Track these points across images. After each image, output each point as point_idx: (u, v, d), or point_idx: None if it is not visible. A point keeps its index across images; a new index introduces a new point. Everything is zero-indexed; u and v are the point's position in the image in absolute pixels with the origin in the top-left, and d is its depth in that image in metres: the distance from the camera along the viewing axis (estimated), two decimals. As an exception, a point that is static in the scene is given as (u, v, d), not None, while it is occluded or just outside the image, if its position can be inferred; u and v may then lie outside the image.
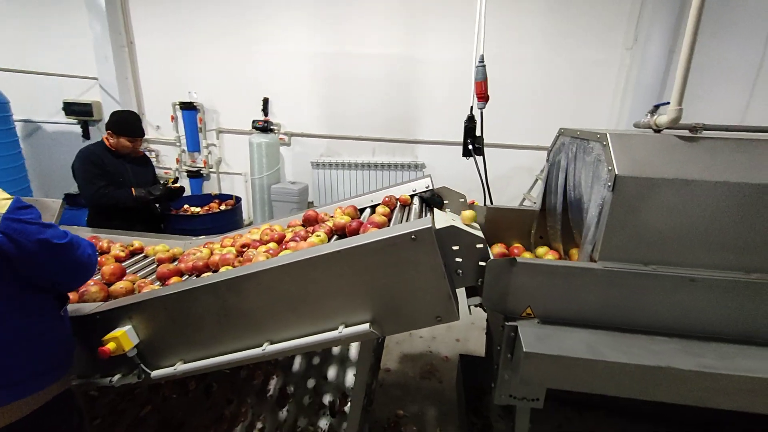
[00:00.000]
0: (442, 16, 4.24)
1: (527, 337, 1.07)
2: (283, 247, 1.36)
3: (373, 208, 1.72)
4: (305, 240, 1.34)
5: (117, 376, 1.27)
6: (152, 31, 4.62)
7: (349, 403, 1.65)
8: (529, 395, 1.18)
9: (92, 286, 1.35)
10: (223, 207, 3.01)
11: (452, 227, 1.08)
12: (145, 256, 1.71)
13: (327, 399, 1.82)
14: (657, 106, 1.16)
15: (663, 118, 1.11)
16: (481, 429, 1.71)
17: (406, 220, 1.42)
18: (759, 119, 4.36)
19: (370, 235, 1.04)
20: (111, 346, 1.15)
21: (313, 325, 1.14)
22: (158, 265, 1.55)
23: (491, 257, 1.15)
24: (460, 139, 4.41)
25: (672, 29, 3.76)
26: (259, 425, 1.73)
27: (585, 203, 1.20)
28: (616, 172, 1.01)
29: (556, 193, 1.51)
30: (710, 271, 1.05)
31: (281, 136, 4.78)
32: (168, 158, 5.15)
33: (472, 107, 2.02)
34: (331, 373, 1.93)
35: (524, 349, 1.04)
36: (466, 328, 3.19)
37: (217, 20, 4.50)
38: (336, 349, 1.92)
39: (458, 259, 1.12)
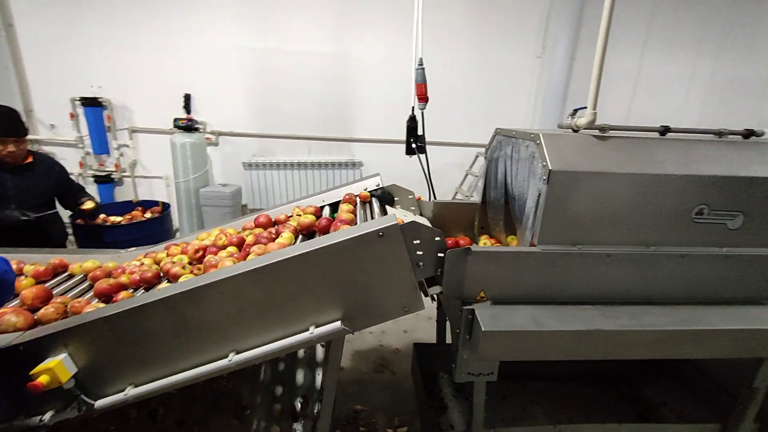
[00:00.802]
0: (376, 15, 4.33)
1: (484, 317, 1.19)
2: (247, 250, 1.32)
3: (334, 205, 1.74)
4: (272, 241, 1.32)
5: (49, 414, 1.12)
6: (37, 11, 3.97)
7: (318, 404, 1.65)
8: (485, 370, 1.32)
9: (9, 314, 1.17)
10: (149, 215, 2.74)
11: (413, 223, 1.16)
12: (71, 275, 1.51)
13: (288, 404, 1.80)
14: (576, 110, 1.37)
15: (582, 120, 1.31)
16: (438, 410, 1.83)
17: (372, 218, 1.46)
18: (638, 117, 5.22)
19: (340, 234, 1.07)
20: (44, 379, 1.02)
21: (282, 329, 1.13)
22: (92, 283, 1.39)
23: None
24: (398, 137, 4.55)
25: (572, 41, 4.31)
26: (216, 441, 1.65)
27: (523, 195, 1.36)
28: (550, 167, 1.17)
29: (495, 188, 1.68)
30: (620, 247, 1.27)
31: (208, 135, 4.47)
32: (68, 162, 4.50)
33: (413, 108, 2.13)
34: (289, 377, 1.90)
35: (483, 329, 1.16)
36: (414, 319, 3.33)
37: (127, 5, 4.04)
38: (300, 353, 1.91)
39: (419, 252, 1.20)
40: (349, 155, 4.81)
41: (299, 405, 1.79)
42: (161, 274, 1.33)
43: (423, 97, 2.11)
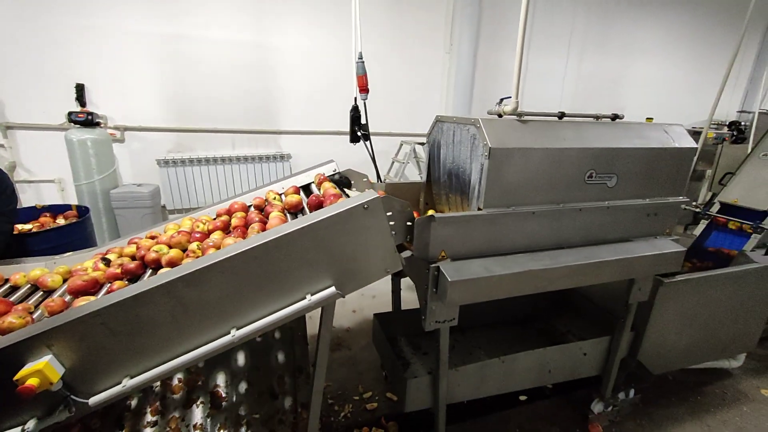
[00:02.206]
0: (297, 5, 4.31)
1: (448, 271, 1.45)
2: (239, 231, 1.37)
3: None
4: (264, 222, 1.38)
5: (32, 422, 1.07)
6: None
7: (289, 379, 1.76)
8: (449, 317, 1.59)
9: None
10: (62, 220, 2.43)
11: (388, 197, 1.35)
12: (13, 287, 1.36)
13: (266, 384, 1.86)
14: (502, 99, 1.69)
15: (507, 107, 1.64)
16: (402, 366, 2.08)
17: (347, 197, 1.60)
18: (528, 108, 6.12)
19: (332, 208, 1.21)
20: (34, 381, 0.99)
21: (281, 300, 1.24)
22: (44, 290, 1.29)
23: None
24: (328, 128, 4.67)
25: (474, 39, 4.86)
26: (197, 433, 1.65)
27: (466, 171, 1.65)
28: (490, 146, 1.46)
29: (438, 167, 1.95)
30: (540, 206, 1.63)
31: (111, 131, 4.01)
32: None
33: (356, 98, 2.30)
34: (262, 361, 1.95)
35: (449, 279, 1.42)
36: (358, 299, 3.54)
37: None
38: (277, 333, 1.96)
39: (392, 223, 1.40)
40: (277, 148, 4.75)
41: (276, 384, 1.87)
42: (144, 264, 1.31)
43: (364, 88, 2.29)
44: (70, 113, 3.61)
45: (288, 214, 1.51)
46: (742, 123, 5.88)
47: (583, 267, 1.64)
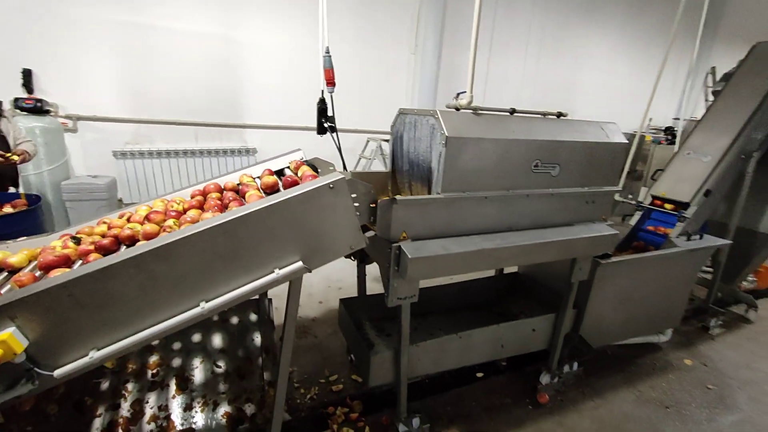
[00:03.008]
0: (266, 2, 4.30)
1: (408, 249, 1.57)
2: (214, 206, 1.42)
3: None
4: (241, 201, 1.43)
5: (-8, 396, 1.07)
6: None
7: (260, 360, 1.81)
8: (410, 294, 1.71)
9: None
10: (10, 209, 2.31)
11: (352, 179, 1.45)
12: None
13: (233, 366, 1.90)
14: (459, 94, 1.84)
15: (462, 101, 1.78)
16: (367, 346, 2.17)
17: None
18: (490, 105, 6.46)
19: (300, 187, 1.29)
20: (-3, 351, 1.00)
21: (249, 274, 1.30)
22: (9, 272, 1.28)
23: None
24: (294, 123, 4.71)
25: (438, 40, 5.06)
26: (162, 414, 1.67)
27: (427, 159, 1.78)
28: (447, 135, 1.60)
29: (401, 157, 2.07)
30: (492, 191, 1.79)
31: (63, 120, 3.82)
32: None
33: (323, 91, 2.37)
34: (221, 342, 1.99)
35: (409, 257, 1.54)
36: (324, 291, 3.60)
37: None
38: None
39: (356, 204, 1.49)
40: (241, 141, 4.71)
41: (242, 365, 1.92)
42: (119, 242, 1.32)
43: (331, 82, 2.37)
44: (16, 99, 3.41)
45: (264, 195, 1.57)
46: (675, 128, 6.50)
47: (531, 247, 1.82)
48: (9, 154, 2.51)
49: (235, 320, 2.07)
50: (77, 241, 1.34)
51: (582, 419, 2.24)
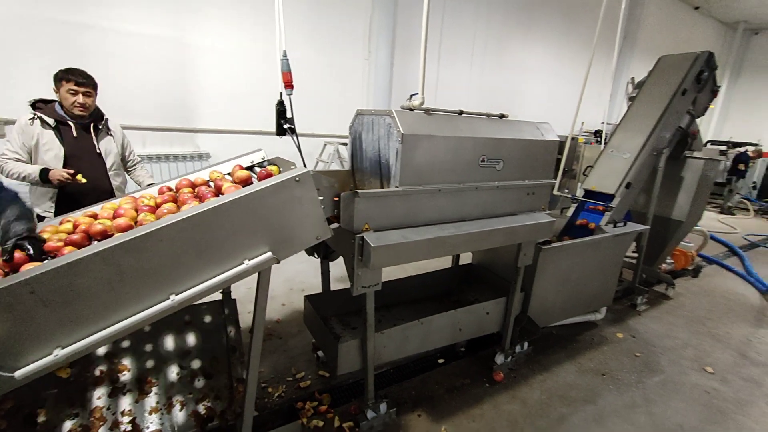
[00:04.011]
0: (217, 9, 4.24)
1: (371, 239, 1.68)
2: (185, 198, 1.43)
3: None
4: (217, 194, 1.46)
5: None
6: None
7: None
8: (373, 282, 1.82)
9: None
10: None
11: (316, 174, 1.54)
12: None
13: (199, 365, 1.89)
14: (412, 95, 1.99)
15: (415, 102, 1.94)
16: (335, 338, 2.25)
17: None
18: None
19: (267, 181, 1.36)
20: (-47, 353, 0.97)
21: (219, 266, 1.34)
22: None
23: (339, 195, 1.68)
24: (250, 128, 4.67)
25: (390, 48, 5.27)
26: (125, 419, 1.63)
27: (385, 155, 1.91)
28: (402, 132, 1.74)
29: (360, 156, 2.18)
30: (445, 184, 1.96)
31: (-11, 123, 3.51)
32: None
33: (281, 93, 2.43)
34: (185, 344, 1.97)
35: (372, 246, 1.65)
36: (287, 294, 3.61)
37: None
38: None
39: (320, 197, 1.58)
40: (194, 146, 4.58)
41: (208, 365, 1.91)
42: (89, 236, 1.29)
43: (289, 84, 2.43)
44: (-68, 101, 3.09)
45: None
46: (603, 131, 7.24)
47: (480, 234, 2.01)
48: (79, 176, 2.16)
49: (200, 321, 2.05)
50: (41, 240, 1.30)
51: (533, 391, 2.47)
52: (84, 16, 3.66)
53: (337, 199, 1.66)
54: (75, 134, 2.35)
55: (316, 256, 2.44)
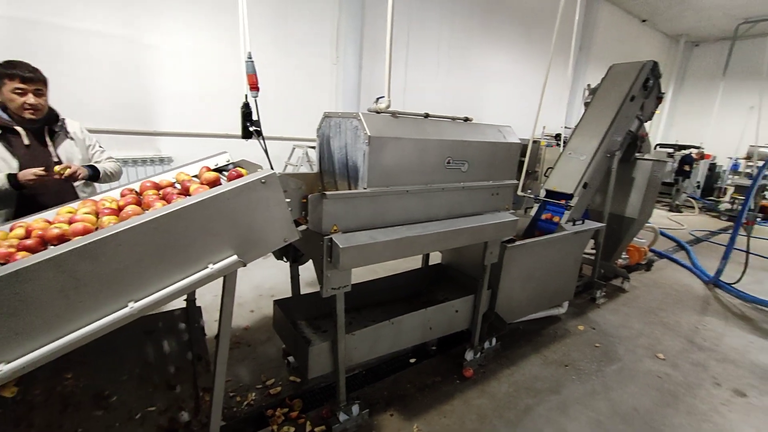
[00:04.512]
0: (178, 8, 4.11)
1: (340, 240, 1.69)
2: (150, 201, 1.37)
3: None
4: (185, 195, 1.40)
5: None
6: None
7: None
8: (343, 283, 1.82)
9: None
10: None
11: (283, 175, 1.53)
12: None
13: (161, 377, 1.81)
14: (378, 98, 2.02)
15: (381, 105, 1.97)
16: (305, 341, 2.23)
17: None
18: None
19: (233, 183, 1.33)
20: None
21: (182, 271, 1.30)
22: None
23: (307, 196, 1.68)
24: (215, 131, 4.55)
25: (358, 52, 5.31)
26: (81, 437, 1.54)
27: (352, 157, 1.92)
28: (370, 134, 1.76)
29: (328, 157, 2.19)
30: (413, 185, 2.00)
31: None
32: None
33: (246, 95, 2.40)
34: (146, 354, 1.89)
35: (341, 247, 1.66)
36: (256, 300, 3.53)
37: None
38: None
39: (288, 199, 1.57)
40: (154, 150, 4.40)
41: (172, 376, 1.84)
42: (45, 241, 1.21)
43: (254, 86, 2.41)
44: None
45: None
46: (562, 135, 7.61)
47: (447, 233, 2.06)
48: (59, 168, 1.89)
49: (162, 330, 1.97)
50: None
51: (501, 385, 2.55)
52: (31, 12, 3.44)
53: (304, 201, 1.66)
54: (27, 142, 1.99)
55: (285, 259, 2.41)
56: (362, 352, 2.13)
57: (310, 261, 1.94)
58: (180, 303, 2.15)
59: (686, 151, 9.75)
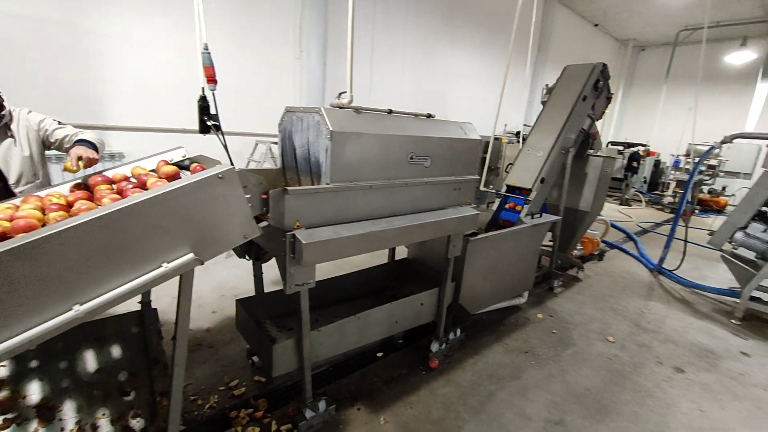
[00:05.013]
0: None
1: (303, 236, 1.67)
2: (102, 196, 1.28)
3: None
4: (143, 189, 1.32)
5: None
6: None
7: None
8: (307, 279, 1.81)
9: None
10: None
11: (242, 171, 1.49)
12: None
13: (113, 384, 1.72)
14: (340, 94, 2.01)
15: (344, 100, 1.96)
16: (269, 340, 2.19)
17: None
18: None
19: (188, 178, 1.28)
20: None
21: (133, 271, 1.24)
22: None
23: (268, 192, 1.65)
24: (171, 125, 4.36)
25: (322, 48, 5.24)
26: (24, 452, 1.43)
27: (315, 153, 1.91)
28: (332, 129, 1.75)
29: (290, 154, 2.15)
30: (376, 181, 2.01)
31: None
32: None
33: (203, 88, 2.30)
34: (99, 358, 1.79)
35: (303, 242, 1.64)
36: (218, 300, 3.42)
37: None
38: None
39: (247, 195, 1.54)
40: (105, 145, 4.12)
41: (127, 381, 1.75)
42: None
43: (212, 79, 2.32)
44: None
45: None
46: (521, 132, 7.93)
47: (411, 228, 2.10)
48: (70, 165, 1.72)
49: (115, 334, 1.86)
50: None
51: (465, 373, 2.63)
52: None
53: (265, 196, 1.63)
54: None
55: (247, 257, 2.35)
56: (328, 348, 2.13)
57: (274, 258, 1.91)
58: (135, 305, 2.05)
59: (634, 149, 10.44)
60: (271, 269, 2.44)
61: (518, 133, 8.19)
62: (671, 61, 12.27)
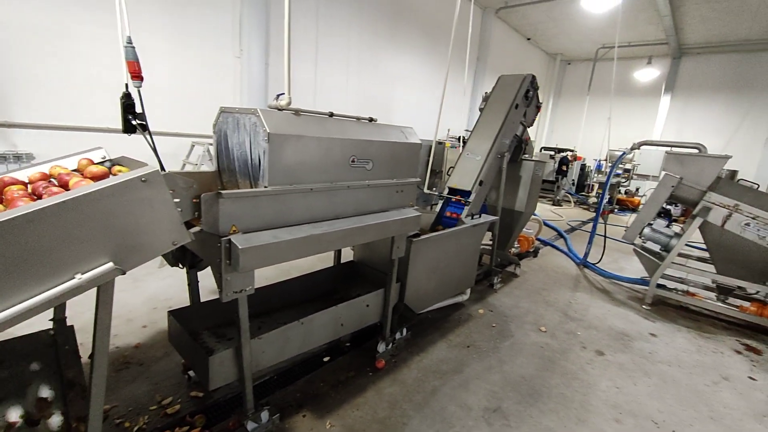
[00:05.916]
0: None
1: (239, 241, 1.62)
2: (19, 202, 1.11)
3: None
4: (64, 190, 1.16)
5: None
6: None
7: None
8: (245, 286, 1.75)
9: None
10: None
11: (169, 173, 1.41)
12: None
13: (14, 414, 1.52)
14: (279, 95, 1.98)
15: (282, 102, 1.93)
16: (206, 351, 2.07)
17: None
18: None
19: (104, 182, 1.18)
20: None
21: (40, 284, 1.11)
22: None
23: (200, 196, 1.57)
24: (86, 123, 4.01)
25: (264, 48, 5.09)
26: None
27: (252, 154, 1.85)
28: (269, 131, 1.71)
29: (226, 156, 2.07)
30: (317, 184, 2.00)
31: None
32: None
33: (126, 85, 2.13)
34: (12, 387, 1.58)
35: (240, 247, 1.58)
36: (149, 314, 3.18)
37: None
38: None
39: (176, 200, 1.45)
40: (9, 145, 3.66)
41: (35, 409, 1.57)
42: None
43: (137, 75, 2.15)
44: None
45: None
46: (462, 137, 8.32)
47: (354, 230, 2.11)
48: None
49: (20, 357, 1.65)
50: None
51: (410, 371, 2.70)
52: None
53: (196, 201, 1.55)
54: None
55: (180, 266, 2.21)
56: (271, 356, 2.07)
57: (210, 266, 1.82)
58: (45, 323, 1.84)
59: (564, 154, 11.40)
60: (208, 277, 2.31)
61: (460, 137, 8.58)
62: (592, 75, 13.60)
